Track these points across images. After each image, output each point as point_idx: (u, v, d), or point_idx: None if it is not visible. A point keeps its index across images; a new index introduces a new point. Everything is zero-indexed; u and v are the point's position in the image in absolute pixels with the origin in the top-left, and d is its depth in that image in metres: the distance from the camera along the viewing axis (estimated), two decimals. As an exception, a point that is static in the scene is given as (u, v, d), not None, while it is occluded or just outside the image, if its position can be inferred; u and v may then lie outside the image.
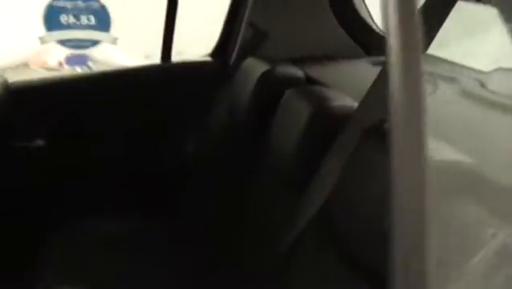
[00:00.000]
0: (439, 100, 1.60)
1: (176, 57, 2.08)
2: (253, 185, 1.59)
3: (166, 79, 2.09)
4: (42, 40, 1.99)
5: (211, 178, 1.87)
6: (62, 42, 1.96)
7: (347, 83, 1.69)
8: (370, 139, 1.12)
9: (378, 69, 1.91)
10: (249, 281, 1.38)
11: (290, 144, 1.38)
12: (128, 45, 2.56)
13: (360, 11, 2.03)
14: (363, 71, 1.86)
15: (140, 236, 1.86)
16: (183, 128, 2.08)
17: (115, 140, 1.99)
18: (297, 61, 1.82)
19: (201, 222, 1.81)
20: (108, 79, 2.05)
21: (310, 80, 1.66)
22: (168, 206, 1.93)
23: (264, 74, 1.68)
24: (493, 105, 1.49)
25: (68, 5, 1.91)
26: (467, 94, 1.60)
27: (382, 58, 2.00)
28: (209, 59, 2.12)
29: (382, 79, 1.15)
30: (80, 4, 2.00)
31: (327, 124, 1.33)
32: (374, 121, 1.14)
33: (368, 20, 2.06)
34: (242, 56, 2.00)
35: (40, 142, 1.91)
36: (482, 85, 1.67)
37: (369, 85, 1.61)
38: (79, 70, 3.82)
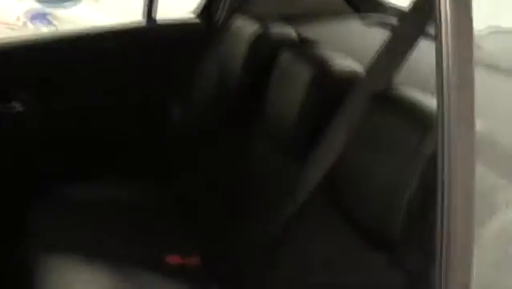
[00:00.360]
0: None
1: (159, 16, 2.01)
2: (249, 152, 1.55)
3: (148, 39, 2.02)
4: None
5: (200, 145, 1.83)
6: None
7: (342, 42, 1.65)
8: (378, 105, 1.09)
9: (371, 28, 1.89)
10: (246, 251, 1.36)
11: (290, 109, 1.34)
12: (109, 4, 2.46)
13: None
14: (356, 30, 1.82)
15: (127, 203, 1.83)
16: (168, 92, 2.02)
17: (96, 105, 1.92)
18: (287, 19, 1.77)
19: (192, 191, 1.78)
20: (88, 39, 1.96)
21: (303, 40, 1.61)
22: (157, 174, 1.89)
23: (255, 34, 1.62)
24: (490, 67, 1.47)
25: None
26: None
27: (373, 15, 1.98)
28: (194, 18, 2.04)
29: (391, 45, 1.12)
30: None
31: (330, 86, 1.29)
32: (382, 87, 1.11)
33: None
34: (230, 15, 1.94)
35: (18, 106, 1.83)
36: (477, 47, 1.65)
37: (364, 44, 1.57)
38: (44, 29, 3.67)
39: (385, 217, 0.99)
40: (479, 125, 1.01)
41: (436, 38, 0.61)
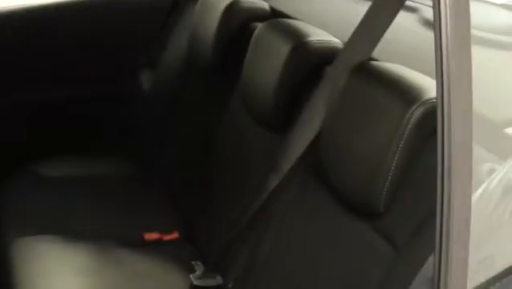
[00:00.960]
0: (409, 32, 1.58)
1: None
2: (226, 125, 1.54)
3: (117, 10, 1.96)
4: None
5: (175, 118, 1.80)
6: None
7: (314, 15, 1.64)
8: (357, 78, 1.10)
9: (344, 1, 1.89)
10: (227, 226, 1.36)
11: (267, 82, 1.33)
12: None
13: None
14: (328, 2, 1.81)
15: (102, 180, 1.80)
16: (138, 64, 1.98)
17: (66, 79, 1.87)
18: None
19: (168, 166, 1.77)
20: (57, 10, 1.89)
21: (279, 13, 1.60)
22: (131, 149, 1.87)
23: (228, 7, 1.60)
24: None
25: None
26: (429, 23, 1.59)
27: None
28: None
29: (370, 18, 1.12)
30: None
31: (308, 60, 1.29)
32: (361, 60, 1.12)
33: None
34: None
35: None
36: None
37: (341, 18, 1.57)
38: None
39: (369, 188, 1.01)
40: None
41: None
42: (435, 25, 0.61)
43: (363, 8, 1.15)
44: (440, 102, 0.62)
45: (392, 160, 0.98)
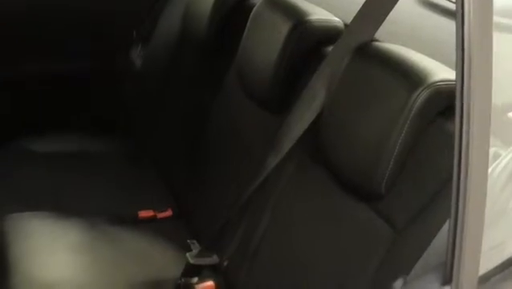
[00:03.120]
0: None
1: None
2: (219, 103, 1.53)
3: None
4: None
5: (165, 94, 1.78)
6: None
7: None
8: (359, 59, 1.09)
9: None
10: (223, 204, 1.36)
11: (265, 60, 1.32)
12: None
13: None
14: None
15: (93, 157, 1.78)
16: (130, 39, 1.94)
17: (58, 52, 1.83)
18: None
19: (157, 143, 1.75)
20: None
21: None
22: (123, 126, 1.85)
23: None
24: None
25: None
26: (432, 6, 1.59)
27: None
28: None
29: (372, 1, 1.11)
30: None
31: (308, 39, 1.28)
32: (364, 42, 1.11)
33: None
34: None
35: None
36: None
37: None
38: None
39: (371, 170, 1.01)
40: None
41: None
42: (457, 11, 0.60)
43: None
44: (459, 77, 0.61)
45: (395, 142, 0.98)
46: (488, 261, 0.66)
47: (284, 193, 1.23)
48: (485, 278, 0.66)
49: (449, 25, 1.48)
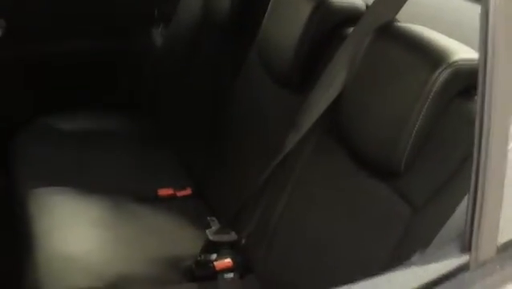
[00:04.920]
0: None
1: None
2: (240, 82, 1.55)
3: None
4: None
5: (186, 73, 1.80)
6: None
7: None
8: (381, 39, 1.10)
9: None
10: (244, 182, 1.38)
11: (287, 40, 1.33)
12: None
13: None
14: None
15: (113, 133, 1.81)
16: (151, 21, 1.96)
17: (81, 35, 1.86)
18: None
19: (177, 121, 1.78)
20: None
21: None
22: (142, 103, 1.87)
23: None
24: None
25: None
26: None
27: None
28: None
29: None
30: None
31: (330, 20, 1.29)
32: (385, 22, 1.11)
33: None
34: None
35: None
36: None
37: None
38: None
39: (391, 148, 1.02)
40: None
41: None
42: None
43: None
44: (482, 58, 0.62)
45: (415, 121, 0.99)
46: (507, 230, 0.67)
47: (303, 171, 1.25)
48: (504, 247, 0.67)
49: (473, 8, 1.47)
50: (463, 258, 0.65)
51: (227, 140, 1.56)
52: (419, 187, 1.01)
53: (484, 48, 0.62)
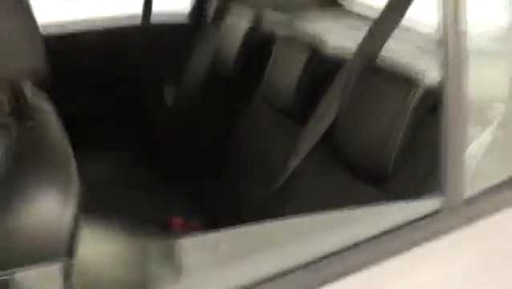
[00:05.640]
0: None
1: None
2: (247, 120, 1.80)
3: (146, 36, 2.22)
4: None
5: (195, 126, 2.04)
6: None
7: (326, 30, 1.91)
8: (368, 74, 1.36)
9: (347, 18, 2.17)
10: (250, 209, 1.57)
11: (289, 83, 1.59)
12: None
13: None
14: (336, 20, 2.09)
15: (124, 182, 2.01)
16: (164, 80, 2.23)
17: (99, 90, 2.11)
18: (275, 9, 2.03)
19: (187, 167, 1.99)
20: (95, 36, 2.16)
21: (296, 26, 1.87)
22: (151, 155, 2.09)
23: (252, 20, 1.87)
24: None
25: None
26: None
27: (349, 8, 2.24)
28: (185, 19, 2.28)
29: (376, 27, 1.39)
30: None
31: (322, 64, 1.56)
32: (370, 60, 1.38)
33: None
34: (216, 17, 2.18)
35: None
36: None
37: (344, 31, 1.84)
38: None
39: (380, 158, 1.25)
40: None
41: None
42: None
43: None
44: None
45: (398, 134, 1.23)
46: (473, 185, 0.88)
47: (305, 189, 1.46)
48: (471, 197, 0.88)
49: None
50: (437, 203, 0.85)
51: (235, 171, 1.77)
52: (404, 185, 1.22)
53: (446, 75, 0.86)
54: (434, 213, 0.85)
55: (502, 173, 1.01)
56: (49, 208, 0.73)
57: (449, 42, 0.88)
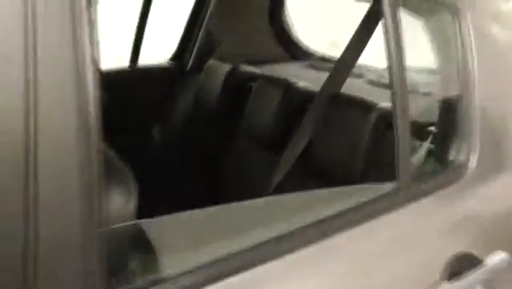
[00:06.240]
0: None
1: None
2: (230, 153, 2.11)
3: (134, 81, 2.53)
4: None
5: (181, 161, 2.33)
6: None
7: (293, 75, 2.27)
8: (333, 105, 1.71)
9: (310, 70, 2.55)
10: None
11: (267, 117, 1.92)
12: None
13: (290, 28, 2.67)
14: (300, 71, 2.47)
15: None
16: (151, 120, 2.53)
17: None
18: (247, 62, 2.39)
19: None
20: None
21: (267, 74, 2.23)
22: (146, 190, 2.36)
23: (231, 71, 2.22)
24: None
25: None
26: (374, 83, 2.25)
27: (307, 62, 2.64)
28: (168, 62, 2.60)
29: (338, 66, 1.75)
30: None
31: (295, 99, 1.91)
32: (334, 93, 1.73)
33: (294, 35, 2.70)
34: (198, 61, 2.52)
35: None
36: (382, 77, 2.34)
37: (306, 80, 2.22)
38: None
39: (350, 168, 1.58)
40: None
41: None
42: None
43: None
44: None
45: (362, 148, 1.57)
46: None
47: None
48: (415, 183, 1.21)
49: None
50: (392, 186, 1.19)
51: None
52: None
53: (393, 103, 1.21)
54: (390, 193, 1.18)
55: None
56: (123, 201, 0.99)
57: (394, 79, 1.21)
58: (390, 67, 1.19)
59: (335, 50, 2.67)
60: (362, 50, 1.69)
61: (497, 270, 1.23)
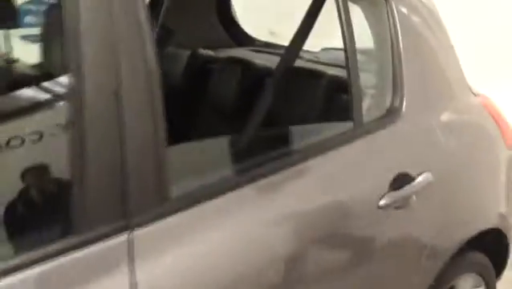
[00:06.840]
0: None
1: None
2: (198, 122, 2.45)
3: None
4: None
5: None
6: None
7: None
8: (289, 76, 2.09)
9: (254, 53, 2.92)
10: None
11: (231, 92, 2.28)
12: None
13: (235, 18, 3.05)
14: (248, 54, 2.83)
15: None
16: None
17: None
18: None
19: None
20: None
21: (226, 56, 2.58)
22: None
23: (191, 54, 2.55)
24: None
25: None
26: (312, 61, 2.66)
27: (251, 47, 3.02)
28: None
29: (290, 46, 2.14)
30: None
31: (255, 74, 2.27)
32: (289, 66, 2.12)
33: (238, 24, 3.08)
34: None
35: None
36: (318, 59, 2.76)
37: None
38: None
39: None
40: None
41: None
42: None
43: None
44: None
45: (317, 108, 1.97)
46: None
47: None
48: (363, 123, 1.63)
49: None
50: (349, 125, 1.60)
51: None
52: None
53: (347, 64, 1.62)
54: (347, 130, 1.59)
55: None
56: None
57: (348, 50, 1.61)
58: (343, 36, 1.59)
59: (274, 39, 3.10)
60: (309, 31, 2.09)
61: (424, 185, 1.67)
